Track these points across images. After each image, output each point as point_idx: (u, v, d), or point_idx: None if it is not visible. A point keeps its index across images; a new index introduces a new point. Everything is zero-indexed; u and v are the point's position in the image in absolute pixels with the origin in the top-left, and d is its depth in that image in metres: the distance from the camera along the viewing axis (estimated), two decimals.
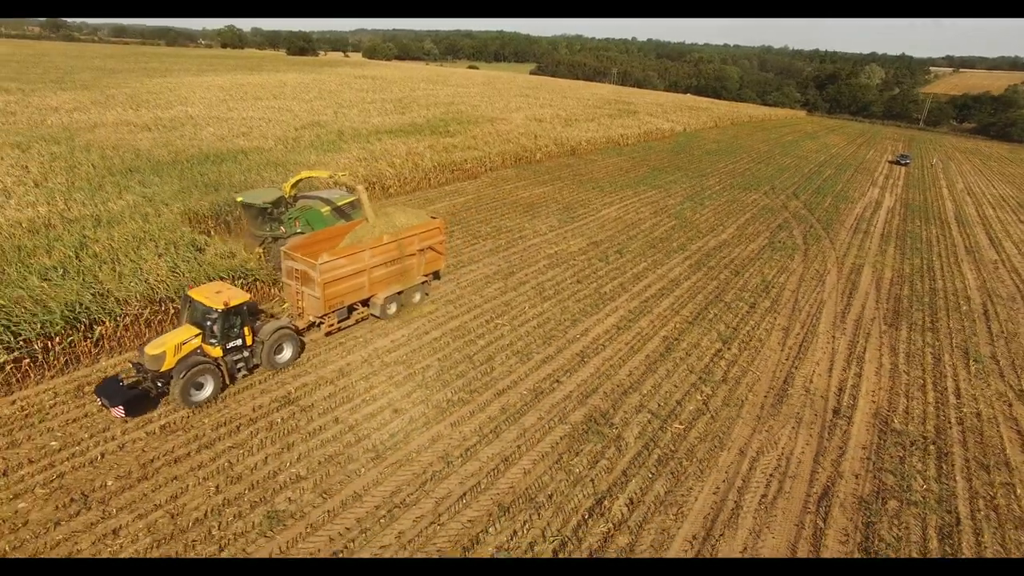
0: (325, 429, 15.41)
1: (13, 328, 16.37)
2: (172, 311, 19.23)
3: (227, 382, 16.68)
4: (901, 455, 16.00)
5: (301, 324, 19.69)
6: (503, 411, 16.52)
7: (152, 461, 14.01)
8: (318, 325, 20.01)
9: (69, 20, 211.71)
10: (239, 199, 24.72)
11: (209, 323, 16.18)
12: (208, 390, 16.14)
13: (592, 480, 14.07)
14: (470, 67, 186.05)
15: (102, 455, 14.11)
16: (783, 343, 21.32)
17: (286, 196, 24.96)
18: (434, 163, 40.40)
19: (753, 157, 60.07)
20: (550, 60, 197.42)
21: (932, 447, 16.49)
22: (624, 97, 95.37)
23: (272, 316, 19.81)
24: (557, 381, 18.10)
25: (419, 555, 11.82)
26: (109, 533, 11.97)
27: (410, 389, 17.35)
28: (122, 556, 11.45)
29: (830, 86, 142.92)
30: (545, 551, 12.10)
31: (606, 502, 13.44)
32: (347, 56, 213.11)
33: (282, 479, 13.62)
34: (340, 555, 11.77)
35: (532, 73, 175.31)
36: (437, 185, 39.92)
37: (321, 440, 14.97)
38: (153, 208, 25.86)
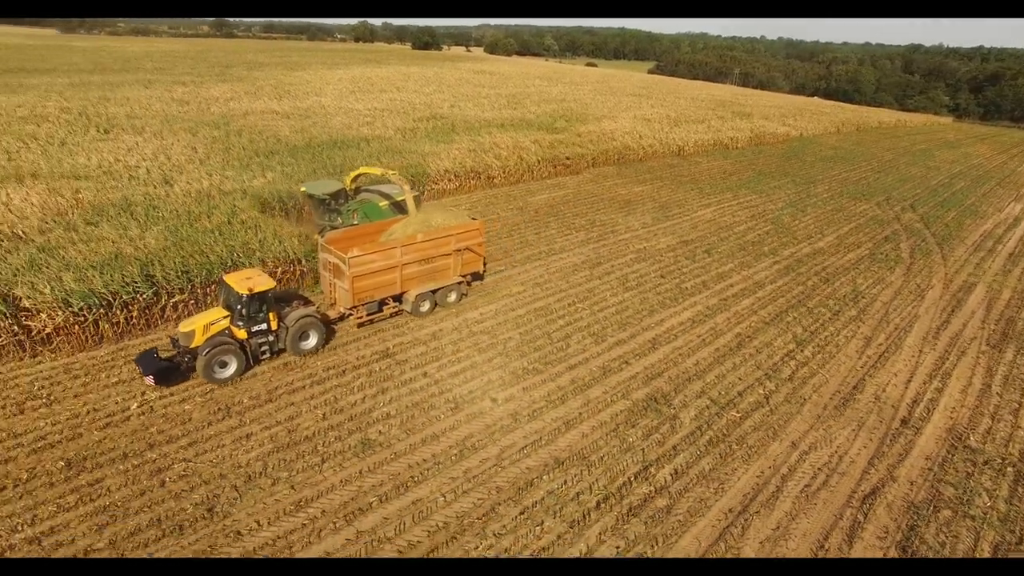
0: (414, 380, 17.95)
1: (187, 272, 20.50)
2: (299, 272, 22.73)
3: (250, 363, 17.94)
4: (969, 471, 15.94)
5: (332, 314, 20.58)
6: (572, 383, 18.27)
7: (276, 389, 17.20)
8: (348, 316, 20.78)
9: (231, 19, 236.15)
10: (303, 188, 27.06)
11: (237, 307, 17.39)
12: (231, 369, 17.32)
13: (643, 449, 15.51)
14: (588, 64, 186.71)
15: (241, 379, 17.56)
16: (861, 351, 21.32)
17: (346, 189, 26.97)
18: (538, 157, 42.47)
19: (873, 166, 56.94)
20: (670, 59, 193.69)
21: (1010, 469, 16.25)
22: (740, 99, 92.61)
23: (306, 303, 19.89)
24: (626, 362, 19.55)
25: (479, 490, 13.88)
26: (243, 437, 15.13)
27: (491, 356, 19.53)
28: (251, 457, 14.47)
29: (989, 88, 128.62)
30: (590, 502, 13.76)
31: (652, 469, 14.85)
32: (469, 51, 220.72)
33: (375, 415, 16.26)
34: (408, 486, 14.07)
35: (650, 72, 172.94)
36: (539, 179, 41.99)
37: (410, 389, 17.52)
38: (288, 186, 29.90)
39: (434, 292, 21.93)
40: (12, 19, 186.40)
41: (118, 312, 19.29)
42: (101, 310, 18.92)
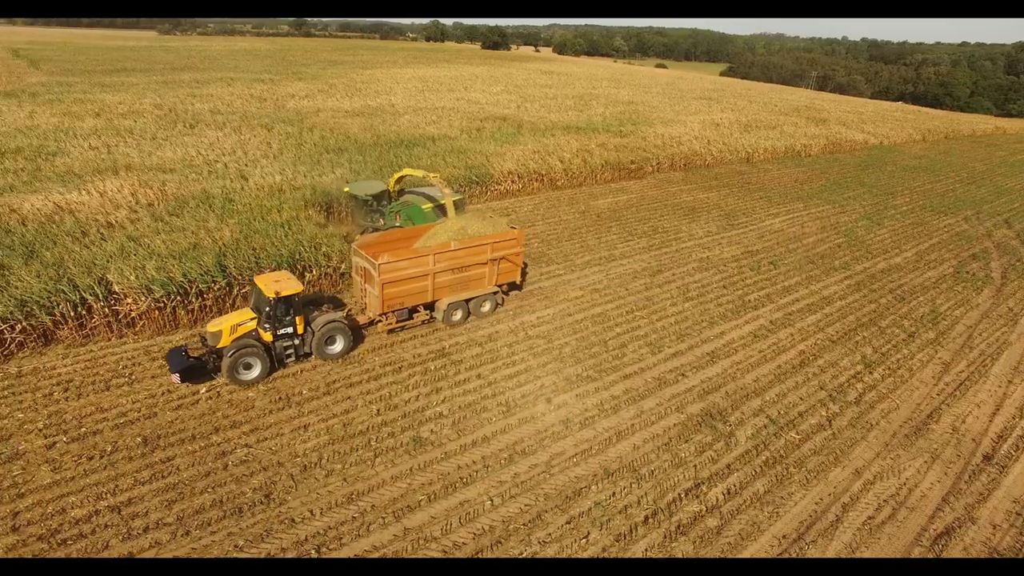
0: (468, 381, 18.15)
1: (258, 264, 21.57)
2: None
3: (275, 366, 17.87)
4: None
5: (362, 319, 20.22)
6: (626, 392, 18.02)
7: (334, 382, 17.76)
8: (378, 323, 20.27)
9: (309, 19, 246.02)
10: (346, 189, 27.23)
11: (265, 309, 17.36)
12: (255, 371, 17.29)
13: (695, 466, 15.12)
14: (657, 66, 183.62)
15: (301, 371, 18.21)
16: (938, 378, 20.04)
17: (390, 190, 26.99)
18: (603, 161, 42.10)
19: (962, 177, 53.37)
20: (743, 61, 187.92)
21: None
22: (816, 104, 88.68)
23: (335, 308, 19.87)
24: (682, 374, 19.12)
25: (527, 496, 13.90)
26: (301, 427, 15.71)
27: (546, 360, 19.51)
28: (308, 447, 15.00)
29: None
30: (637, 516, 13.52)
31: (704, 487, 14.45)
32: (537, 51, 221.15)
33: (428, 414, 16.53)
34: (456, 487, 14.23)
35: (722, 75, 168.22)
36: (603, 182, 41.63)
37: (464, 389, 17.72)
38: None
39: (467, 302, 21.42)
40: (115, 23, 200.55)
41: (194, 300, 20.43)
42: (179, 297, 20.09)
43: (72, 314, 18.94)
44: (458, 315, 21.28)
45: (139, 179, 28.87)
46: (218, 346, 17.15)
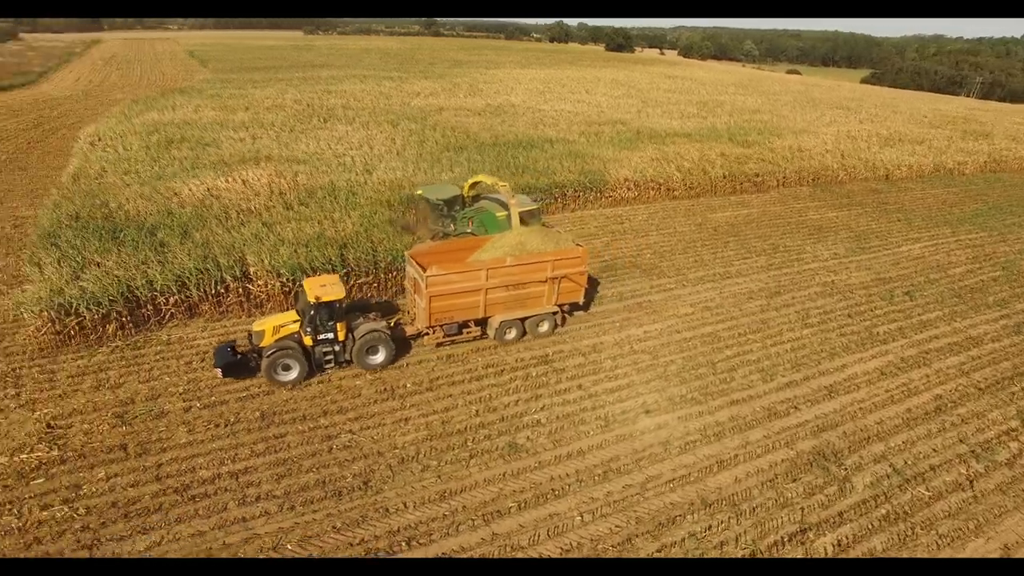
0: (569, 391, 17.99)
1: (375, 256, 22.83)
2: None
3: (313, 370, 17.82)
4: None
5: (410, 331, 19.73)
6: (731, 419, 17.08)
7: (437, 379, 18.27)
8: (425, 335, 19.79)
9: (438, 19, 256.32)
10: (418, 192, 27.00)
11: (309, 313, 17.33)
12: (293, 373, 17.31)
13: (802, 509, 14.01)
14: (789, 71, 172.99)
15: (407, 364, 18.92)
16: None
17: (464, 196, 26.55)
18: (724, 171, 40.23)
19: None
20: (890, 66, 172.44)
21: None
22: (977, 114, 79.25)
23: (383, 317, 19.60)
24: (795, 407, 17.82)
25: (618, 516, 13.53)
26: (402, 420, 16.32)
27: (650, 377, 18.93)
28: (407, 440, 15.53)
29: None
30: (734, 554, 12.76)
31: (811, 533, 13.36)
32: (662, 54, 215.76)
33: (526, 420, 16.56)
34: (548, 498, 14.11)
35: (863, 81, 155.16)
36: (722, 194, 39.79)
37: (563, 399, 17.59)
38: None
39: (523, 321, 20.38)
40: (265, 24, 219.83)
41: None
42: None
43: (213, 291, 20.90)
44: (512, 334, 20.30)
45: (275, 169, 31.29)
46: (261, 345, 17.39)
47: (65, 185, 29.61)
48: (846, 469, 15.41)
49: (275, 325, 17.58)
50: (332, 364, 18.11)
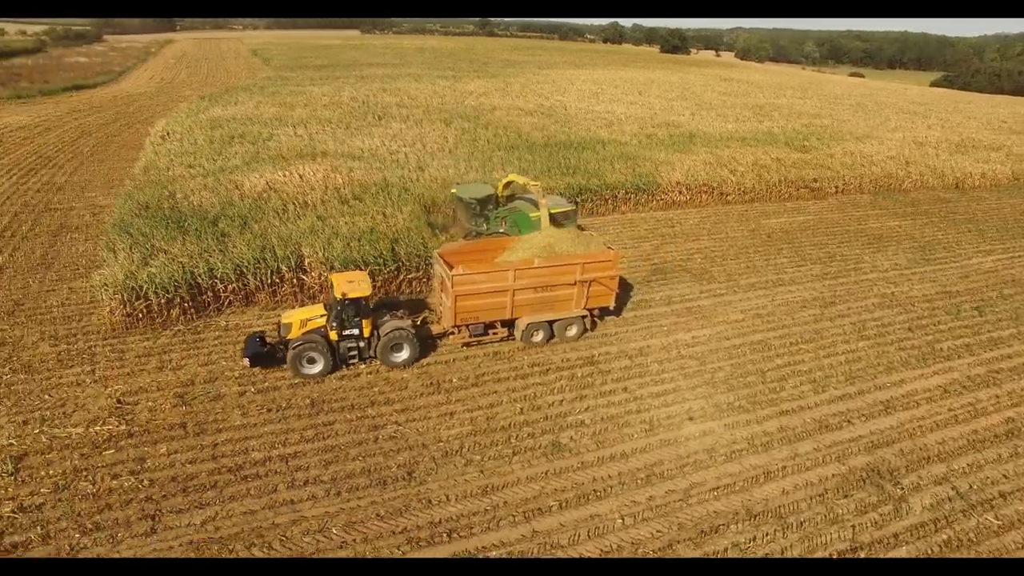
0: (614, 393, 17.88)
1: (426, 252, 23.12)
2: None
3: (337, 365, 17.99)
4: None
5: (435, 330, 19.91)
6: (780, 430, 16.63)
7: (483, 375, 18.44)
8: (450, 334, 19.84)
9: (492, 19, 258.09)
10: (453, 190, 27.04)
11: (336, 308, 17.58)
12: (318, 367, 17.52)
13: (853, 527, 13.52)
14: (852, 74, 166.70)
15: (453, 359, 19.16)
16: None
17: (498, 195, 26.38)
18: (780, 177, 39.14)
19: None
20: (964, 68, 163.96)
21: None
22: None
23: (408, 315, 19.66)
24: (848, 421, 17.21)
25: (660, 521, 13.37)
26: (447, 414, 16.55)
27: (696, 383, 18.63)
28: (451, 434, 15.74)
29: None
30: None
31: (862, 554, 12.88)
32: (718, 56, 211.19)
33: (570, 420, 16.55)
34: (589, 498, 14.04)
35: (933, 84, 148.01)
36: (777, 200, 38.71)
37: (608, 401, 17.49)
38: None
39: (551, 323, 20.12)
40: (323, 24, 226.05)
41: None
42: None
43: (269, 281, 21.66)
44: (539, 336, 20.00)
45: (331, 164, 32.15)
46: (287, 337, 17.72)
47: (137, 176, 31.27)
48: (903, 489, 14.78)
49: (302, 318, 17.90)
50: (356, 360, 18.27)
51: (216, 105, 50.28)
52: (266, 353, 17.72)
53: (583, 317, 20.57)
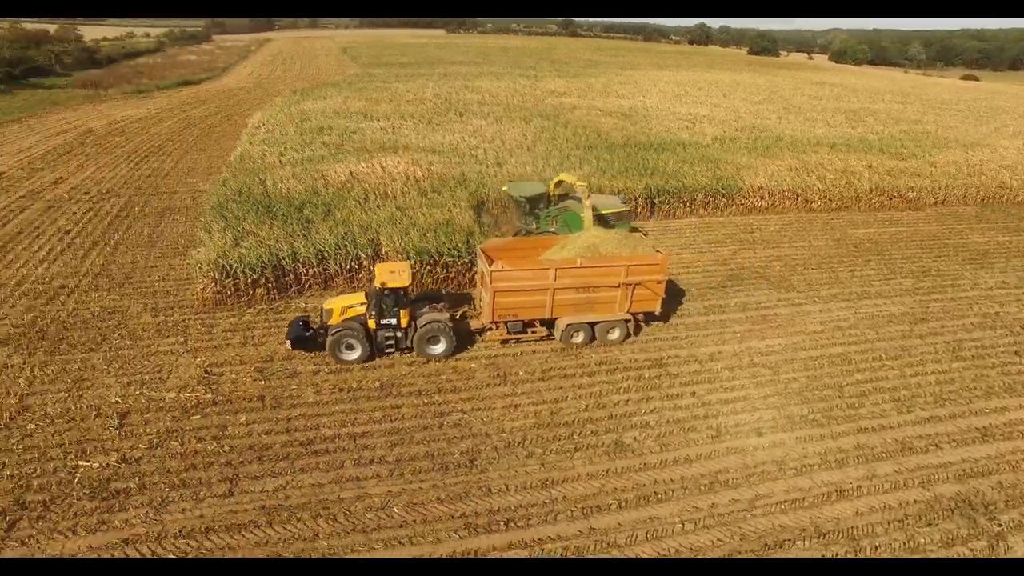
0: (681, 397, 17.52)
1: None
2: None
3: (374, 353, 18.24)
4: None
5: (474, 324, 19.74)
6: (857, 448, 15.75)
7: (550, 370, 18.51)
8: (488, 330, 19.70)
9: (576, 19, 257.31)
10: (504, 188, 26.80)
11: (375, 297, 17.87)
12: (356, 353, 17.84)
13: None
14: (965, 77, 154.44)
15: (520, 353, 19.34)
16: None
17: (550, 194, 25.93)
18: (872, 185, 36.91)
19: None
20: None
21: None
22: None
23: (447, 308, 19.66)
24: (936, 445, 16.06)
25: (721, 530, 12.98)
26: (512, 406, 16.74)
27: (768, 393, 17.95)
28: (515, 426, 15.89)
29: None
30: None
31: None
32: (811, 58, 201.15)
33: (634, 421, 16.35)
34: (649, 500, 13.80)
35: None
36: (868, 210, 36.55)
37: (675, 404, 17.16)
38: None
39: (592, 326, 19.61)
40: (410, 23, 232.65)
41: (439, 270, 22.86)
42: (428, 266, 22.65)
43: (348, 266, 22.59)
44: (579, 337, 19.55)
45: (412, 158, 33.08)
46: (328, 323, 18.13)
47: (232, 164, 33.36)
48: (1000, 525, 13.64)
49: (343, 305, 18.32)
50: (393, 349, 18.49)
51: (306, 99, 52.80)
52: (308, 337, 18.18)
53: (626, 321, 20.03)
